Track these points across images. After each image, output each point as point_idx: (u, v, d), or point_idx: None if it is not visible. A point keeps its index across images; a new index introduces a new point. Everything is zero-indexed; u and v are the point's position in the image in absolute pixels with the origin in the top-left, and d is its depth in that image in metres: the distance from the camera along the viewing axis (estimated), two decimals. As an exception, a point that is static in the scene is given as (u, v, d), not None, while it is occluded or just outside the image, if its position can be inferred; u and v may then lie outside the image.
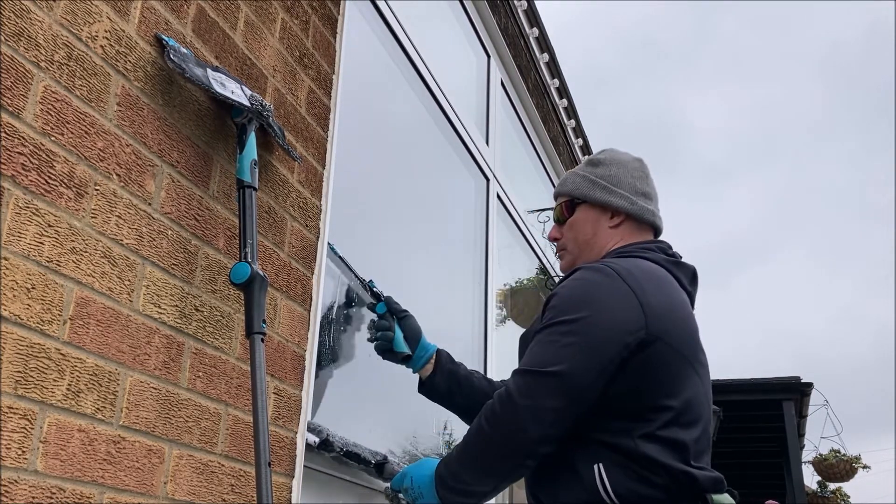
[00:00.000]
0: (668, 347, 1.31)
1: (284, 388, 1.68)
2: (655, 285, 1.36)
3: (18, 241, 1.08)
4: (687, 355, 1.35)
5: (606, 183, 1.55)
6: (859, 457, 10.16)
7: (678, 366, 1.33)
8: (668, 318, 1.33)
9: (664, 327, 1.32)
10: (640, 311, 1.30)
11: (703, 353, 1.42)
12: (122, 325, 1.25)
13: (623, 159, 1.59)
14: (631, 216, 1.53)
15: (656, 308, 1.32)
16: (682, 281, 1.45)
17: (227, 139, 1.57)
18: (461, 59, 3.47)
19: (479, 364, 3.14)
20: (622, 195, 1.54)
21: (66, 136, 1.18)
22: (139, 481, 1.25)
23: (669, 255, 1.48)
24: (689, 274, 1.49)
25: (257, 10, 1.71)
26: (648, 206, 1.54)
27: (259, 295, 1.44)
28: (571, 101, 4.90)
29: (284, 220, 1.74)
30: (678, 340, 1.34)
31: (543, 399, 1.27)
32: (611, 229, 1.54)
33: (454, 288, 3.08)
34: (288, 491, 1.65)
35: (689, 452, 1.30)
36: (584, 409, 1.29)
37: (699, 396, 1.36)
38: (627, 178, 1.56)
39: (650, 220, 1.54)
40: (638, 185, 1.56)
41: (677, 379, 1.33)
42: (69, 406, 1.14)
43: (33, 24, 1.14)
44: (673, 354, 1.32)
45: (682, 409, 1.32)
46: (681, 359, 1.34)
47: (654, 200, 1.58)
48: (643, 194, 1.55)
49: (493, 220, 3.46)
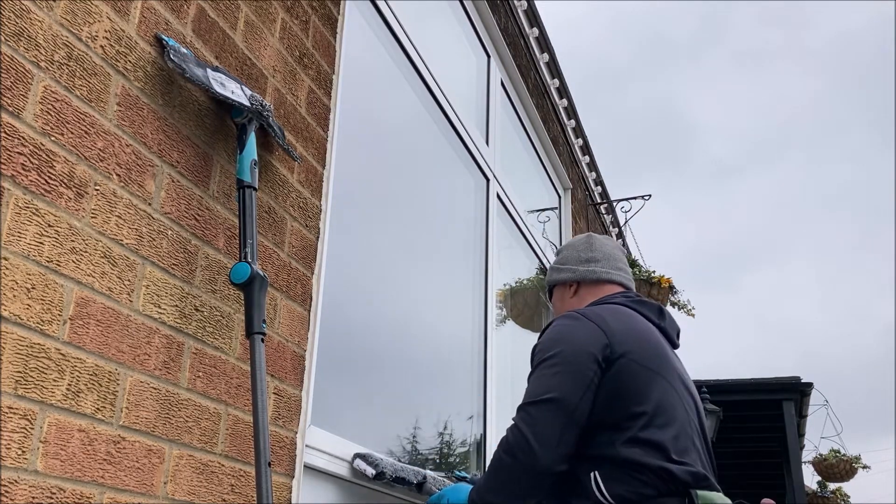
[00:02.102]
0: (631, 362, 1.55)
1: (284, 388, 1.68)
2: (616, 317, 1.63)
3: (18, 241, 1.08)
4: (652, 367, 1.57)
5: (559, 265, 1.90)
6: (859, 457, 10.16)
7: (644, 376, 1.55)
8: (628, 338, 1.58)
9: (626, 346, 1.56)
10: (602, 334, 1.57)
11: (673, 368, 1.63)
12: (122, 325, 1.25)
13: (572, 241, 1.93)
14: (581, 282, 1.84)
15: (617, 331, 1.58)
16: (649, 316, 1.72)
17: (227, 139, 1.57)
18: (461, 59, 3.47)
19: (479, 364, 3.14)
20: (568, 269, 1.86)
21: (66, 136, 1.18)
22: (139, 481, 1.25)
23: (635, 297, 1.75)
24: (656, 309, 1.74)
25: (257, 10, 1.71)
26: (592, 268, 1.84)
27: (259, 295, 1.44)
28: (571, 101, 4.90)
29: (284, 220, 1.74)
30: (641, 356, 1.57)
31: (545, 424, 1.49)
32: (571, 298, 1.84)
33: (454, 288, 3.08)
34: (288, 491, 1.65)
35: (669, 450, 1.49)
36: (581, 425, 1.51)
37: (671, 400, 1.56)
38: (573, 254, 1.88)
39: (602, 277, 1.83)
40: (581, 256, 1.87)
41: (645, 387, 1.54)
42: (69, 406, 1.14)
43: (33, 24, 1.14)
44: (638, 367, 1.55)
45: (655, 413, 1.52)
46: (646, 370, 1.56)
47: (604, 260, 1.85)
48: (586, 260, 1.85)
49: (493, 220, 3.46)
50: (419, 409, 2.67)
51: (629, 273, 1.87)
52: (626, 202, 5.85)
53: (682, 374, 1.67)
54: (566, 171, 4.94)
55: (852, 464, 10.05)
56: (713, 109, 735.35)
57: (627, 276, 1.85)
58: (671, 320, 1.76)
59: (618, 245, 1.92)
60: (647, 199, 5.72)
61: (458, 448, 2.94)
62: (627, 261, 5.36)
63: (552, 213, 4.82)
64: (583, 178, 5.49)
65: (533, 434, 1.48)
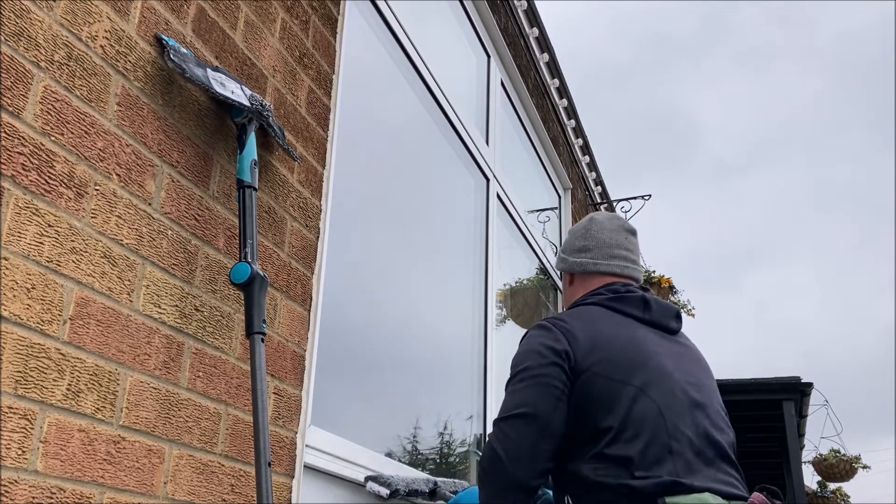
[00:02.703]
0: (596, 376, 1.50)
1: (284, 388, 1.68)
2: (585, 324, 1.58)
3: (18, 241, 1.08)
4: (617, 378, 1.51)
5: (560, 252, 1.84)
6: (859, 457, 10.16)
7: (609, 389, 1.49)
8: (595, 349, 1.53)
9: (590, 359, 1.51)
10: (567, 346, 1.53)
11: (654, 365, 1.55)
12: (122, 325, 1.25)
13: (574, 227, 1.84)
14: (575, 273, 1.78)
15: (583, 342, 1.53)
16: (630, 312, 1.63)
17: (227, 139, 1.57)
18: (461, 59, 3.47)
19: (479, 364, 3.14)
20: (562, 258, 1.82)
21: (66, 136, 1.18)
22: (139, 481, 1.25)
23: (614, 294, 1.66)
24: (638, 302, 1.65)
25: (257, 10, 1.71)
26: (582, 259, 1.76)
27: (259, 295, 1.44)
28: (571, 101, 4.90)
29: (284, 220, 1.74)
30: (605, 367, 1.51)
31: (517, 438, 1.47)
32: (570, 287, 1.80)
33: (454, 288, 3.08)
34: (288, 491, 1.65)
35: (634, 464, 1.43)
36: (555, 438, 1.48)
37: (641, 408, 1.48)
38: (571, 241, 1.81)
39: (589, 269, 1.75)
40: (576, 244, 1.79)
41: (611, 401, 1.48)
42: (69, 406, 1.14)
43: (33, 24, 1.14)
44: (602, 380, 1.50)
45: (622, 427, 1.46)
46: (611, 382, 1.50)
47: (597, 248, 1.75)
48: (578, 249, 1.78)
49: (493, 220, 3.46)
50: (419, 409, 2.67)
51: (627, 256, 1.75)
52: (626, 202, 5.86)
53: (673, 362, 1.57)
54: (566, 171, 4.94)
55: (852, 464, 10.05)
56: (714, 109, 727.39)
57: (623, 263, 1.73)
58: (661, 307, 1.66)
59: (621, 225, 1.79)
60: (647, 199, 5.72)
61: (457, 448, 2.94)
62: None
63: (552, 213, 4.82)
64: (583, 178, 5.49)
65: (504, 450, 1.47)
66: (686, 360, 1.62)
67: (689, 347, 1.68)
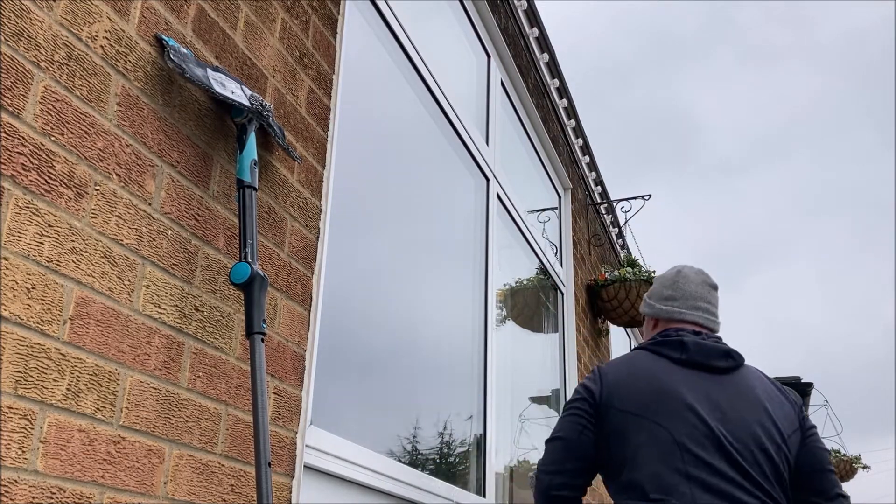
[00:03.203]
0: (619, 412, 1.75)
1: (284, 388, 1.68)
2: (622, 368, 1.84)
3: (18, 241, 1.08)
4: (633, 411, 1.74)
5: (648, 297, 2.06)
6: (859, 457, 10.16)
7: (626, 422, 1.73)
8: (621, 388, 1.78)
9: (613, 397, 1.77)
10: (599, 383, 1.82)
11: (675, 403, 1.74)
12: (122, 325, 1.25)
13: (663, 275, 2.06)
14: (659, 319, 2.00)
15: (611, 383, 1.80)
16: (666, 353, 1.85)
17: (227, 139, 1.57)
18: (461, 59, 3.47)
19: (479, 364, 3.14)
20: (649, 304, 2.03)
21: (66, 136, 1.18)
22: (139, 481, 1.25)
23: (662, 338, 1.88)
24: (676, 344, 1.85)
25: (257, 10, 1.71)
26: (669, 307, 1.98)
27: (259, 295, 1.44)
28: (571, 100, 4.90)
29: (284, 220, 1.74)
30: (627, 403, 1.75)
31: (549, 455, 1.81)
32: (652, 331, 2.02)
33: (454, 288, 3.08)
34: (288, 491, 1.65)
35: (646, 489, 1.65)
36: (586, 458, 1.77)
37: (657, 440, 1.69)
38: (658, 290, 2.03)
39: (669, 316, 1.98)
40: (664, 293, 2.01)
41: (627, 432, 1.72)
42: (69, 406, 1.14)
43: (33, 24, 1.14)
44: (624, 416, 1.74)
45: (634, 455, 1.69)
46: (627, 416, 1.74)
47: (682, 299, 1.97)
48: (665, 298, 2.00)
49: (493, 220, 3.46)
50: (419, 409, 2.67)
51: (708, 308, 1.97)
52: (626, 202, 5.85)
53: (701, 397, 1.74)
54: (566, 171, 4.94)
55: (852, 464, 10.06)
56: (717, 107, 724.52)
57: (703, 315, 1.95)
58: (702, 348, 1.82)
59: (705, 280, 2.01)
60: (647, 199, 5.72)
61: (458, 448, 2.94)
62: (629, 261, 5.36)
63: (552, 212, 4.82)
64: (583, 178, 5.49)
65: (540, 463, 1.83)
66: (725, 395, 1.77)
67: (738, 384, 1.81)
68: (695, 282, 1.99)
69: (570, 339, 4.67)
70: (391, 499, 2.16)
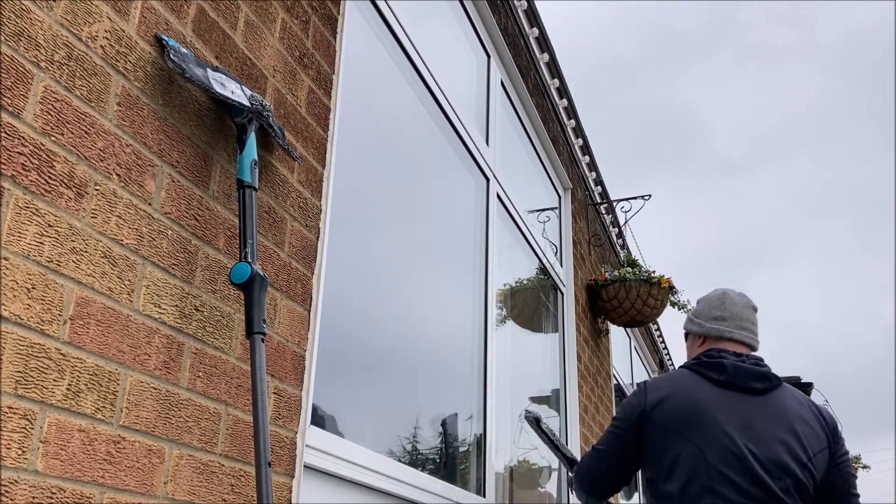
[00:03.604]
0: (658, 428, 1.96)
1: (284, 388, 1.68)
2: (667, 385, 2.04)
3: (18, 241, 1.08)
4: (675, 430, 1.94)
5: (694, 316, 2.24)
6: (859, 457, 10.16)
7: (666, 438, 1.94)
8: (662, 405, 1.98)
9: (657, 412, 1.98)
10: (643, 400, 2.03)
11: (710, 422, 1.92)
12: (122, 325, 1.25)
13: (708, 296, 2.24)
14: (708, 337, 2.17)
15: (653, 400, 2.01)
16: (707, 374, 2.02)
17: (227, 139, 1.57)
18: (461, 59, 3.47)
19: (478, 364, 3.14)
20: (698, 323, 2.20)
21: (66, 136, 1.18)
22: (139, 481, 1.25)
23: (707, 358, 2.06)
24: (716, 366, 2.02)
25: (257, 10, 1.71)
26: (718, 326, 2.15)
27: (259, 295, 1.44)
28: (571, 100, 4.90)
29: (284, 220, 1.74)
30: (668, 420, 1.96)
31: (587, 464, 2.14)
32: (699, 348, 2.19)
33: (454, 288, 3.08)
34: (288, 491, 1.65)
35: (675, 499, 1.88)
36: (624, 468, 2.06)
37: (690, 455, 1.89)
38: (706, 310, 2.20)
39: (719, 335, 2.15)
40: (712, 313, 2.18)
41: (667, 446, 1.93)
42: (69, 406, 1.14)
43: (33, 24, 1.14)
44: (663, 431, 1.95)
45: (670, 467, 1.91)
46: (669, 433, 1.94)
47: (731, 319, 2.15)
48: (715, 318, 2.17)
49: (493, 220, 3.46)
50: (419, 409, 2.67)
51: (752, 329, 2.16)
52: (626, 202, 5.85)
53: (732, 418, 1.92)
54: (566, 171, 4.94)
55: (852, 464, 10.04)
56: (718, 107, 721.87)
57: (748, 335, 2.14)
58: (739, 371, 1.98)
59: (748, 303, 2.20)
60: (647, 199, 5.72)
61: (457, 448, 2.94)
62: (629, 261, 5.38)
63: (552, 212, 4.82)
64: (583, 178, 5.49)
65: (584, 467, 2.14)
66: (758, 416, 1.94)
67: (772, 405, 1.97)
68: (740, 304, 2.18)
69: (570, 339, 4.67)
70: (391, 499, 2.16)
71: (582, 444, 4.51)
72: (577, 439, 4.44)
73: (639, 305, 5.03)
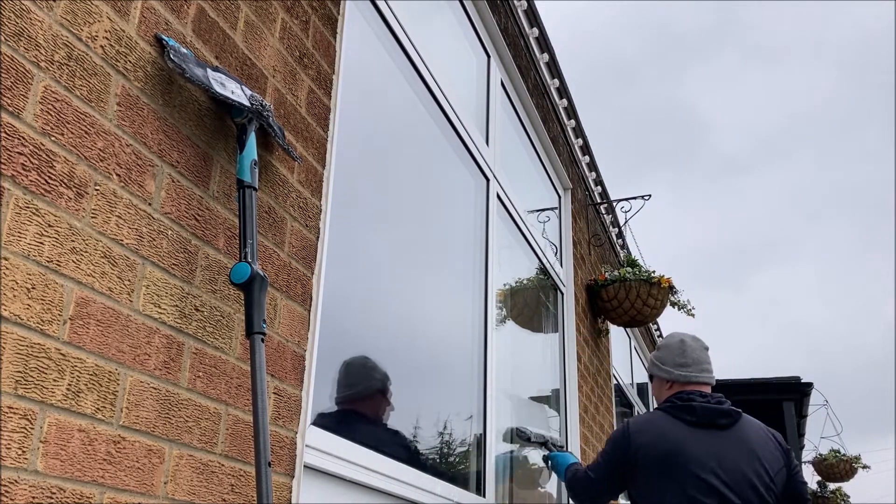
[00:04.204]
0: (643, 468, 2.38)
1: (284, 388, 1.68)
2: (645, 428, 2.46)
3: (18, 241, 1.08)
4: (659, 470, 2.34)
5: (659, 363, 2.62)
6: (859, 457, 10.16)
7: (652, 478, 2.35)
8: (645, 450, 2.39)
9: (641, 455, 2.39)
10: (628, 440, 2.44)
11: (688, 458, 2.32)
12: (122, 325, 1.25)
13: (668, 343, 2.61)
14: (675, 382, 2.55)
15: (636, 445, 2.42)
16: (681, 416, 2.42)
17: (227, 139, 1.57)
18: (461, 59, 3.47)
19: (478, 364, 3.14)
20: (665, 370, 2.58)
21: (66, 136, 1.18)
22: (139, 481, 1.25)
23: (679, 401, 2.45)
24: (688, 408, 2.42)
25: (257, 10, 1.71)
26: (684, 372, 2.54)
27: (259, 295, 1.44)
28: (571, 101, 4.90)
29: (284, 220, 1.74)
30: (651, 463, 2.36)
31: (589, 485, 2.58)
32: (667, 391, 2.58)
33: (454, 288, 3.08)
34: (288, 491, 1.65)
35: None
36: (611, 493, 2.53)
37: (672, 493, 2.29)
38: (670, 357, 2.58)
39: (686, 380, 2.54)
40: (677, 360, 2.56)
41: (653, 486, 2.34)
42: (69, 406, 1.14)
43: (33, 24, 1.14)
44: (648, 471, 2.37)
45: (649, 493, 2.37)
46: (654, 474, 2.35)
47: (693, 365, 2.54)
48: (680, 364, 2.55)
49: (493, 220, 3.46)
50: (419, 409, 2.67)
51: (709, 369, 2.56)
52: (626, 202, 5.85)
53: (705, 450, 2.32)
54: (566, 171, 4.94)
55: (852, 464, 10.05)
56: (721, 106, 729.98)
57: (708, 375, 2.54)
58: (707, 410, 2.39)
59: (702, 345, 2.59)
60: (647, 199, 5.72)
61: (457, 448, 2.94)
62: (629, 261, 5.40)
63: (552, 213, 4.82)
64: (583, 178, 5.50)
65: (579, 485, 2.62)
66: (725, 448, 2.35)
67: (736, 436, 2.38)
68: (697, 349, 2.57)
69: (569, 339, 4.67)
70: (391, 499, 2.16)
71: (582, 445, 4.51)
72: (577, 439, 4.44)
73: (639, 305, 5.03)
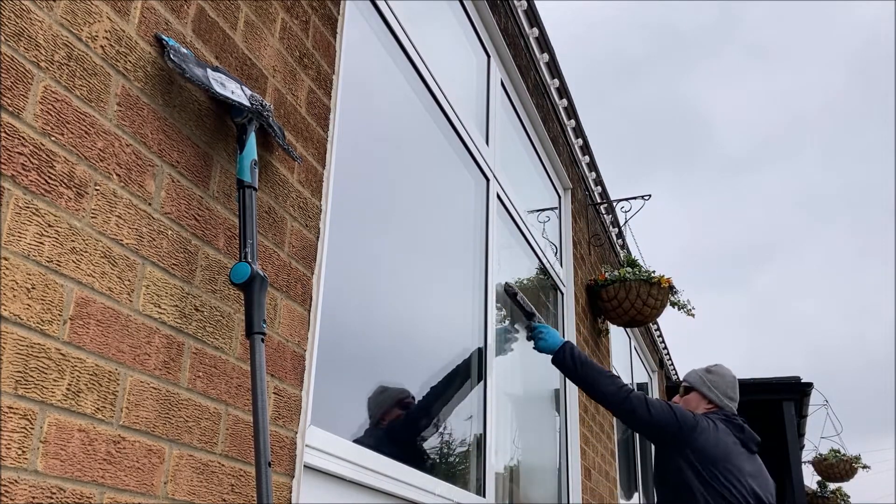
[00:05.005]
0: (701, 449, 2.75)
1: (284, 388, 1.68)
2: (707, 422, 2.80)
3: (18, 241, 1.08)
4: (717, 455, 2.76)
5: (712, 385, 3.00)
6: (859, 457, 10.16)
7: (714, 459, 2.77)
8: (706, 435, 2.76)
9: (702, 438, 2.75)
10: (696, 420, 2.80)
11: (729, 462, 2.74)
12: (122, 325, 1.25)
13: (724, 374, 3.02)
14: (719, 407, 2.96)
15: (703, 426, 2.78)
16: (734, 430, 2.84)
17: (227, 139, 1.57)
18: (461, 59, 3.47)
19: (478, 364, 3.14)
20: (717, 395, 2.97)
21: (66, 136, 1.18)
22: (139, 481, 1.25)
23: (733, 417, 2.90)
24: (737, 426, 2.86)
25: (257, 10, 1.71)
26: (729, 404, 2.97)
27: (259, 295, 1.44)
28: (571, 100, 4.90)
29: (284, 220, 1.74)
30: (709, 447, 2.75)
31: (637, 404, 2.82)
32: (704, 406, 2.98)
33: (454, 288, 3.08)
34: (288, 491, 1.65)
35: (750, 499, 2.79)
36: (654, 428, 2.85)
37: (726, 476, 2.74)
38: (725, 388, 2.98)
39: (730, 411, 2.96)
40: (729, 393, 2.98)
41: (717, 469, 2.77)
42: (69, 406, 1.14)
43: (33, 24, 1.14)
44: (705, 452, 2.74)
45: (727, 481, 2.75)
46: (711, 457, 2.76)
47: (735, 400, 2.99)
48: (730, 398, 2.98)
49: (493, 220, 3.46)
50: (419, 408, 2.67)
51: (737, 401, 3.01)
52: (626, 202, 5.85)
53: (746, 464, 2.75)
54: (566, 171, 4.94)
55: (852, 464, 10.05)
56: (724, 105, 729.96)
57: (736, 405, 2.99)
58: (749, 435, 2.84)
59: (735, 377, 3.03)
60: (647, 199, 5.72)
61: (457, 448, 2.94)
62: (629, 261, 5.45)
63: (552, 213, 4.82)
64: (583, 178, 5.50)
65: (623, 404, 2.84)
66: (759, 470, 2.80)
67: (760, 464, 2.84)
68: (737, 387, 3.02)
69: (570, 339, 4.67)
70: (391, 499, 2.16)
71: (582, 445, 4.51)
72: (577, 439, 4.44)
73: (639, 305, 5.03)
